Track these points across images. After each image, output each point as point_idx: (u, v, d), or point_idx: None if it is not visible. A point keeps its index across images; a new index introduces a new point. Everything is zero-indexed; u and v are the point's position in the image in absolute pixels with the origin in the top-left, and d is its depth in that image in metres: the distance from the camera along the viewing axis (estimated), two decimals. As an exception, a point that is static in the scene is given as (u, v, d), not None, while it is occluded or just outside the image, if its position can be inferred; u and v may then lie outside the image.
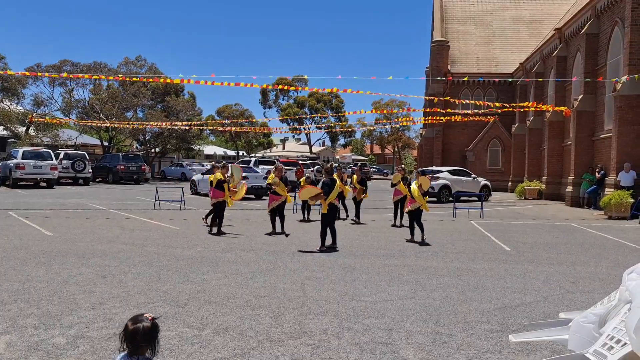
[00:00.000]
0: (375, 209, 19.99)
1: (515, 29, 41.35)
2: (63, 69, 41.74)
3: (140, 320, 2.61)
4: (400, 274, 8.07)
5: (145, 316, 2.64)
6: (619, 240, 12.37)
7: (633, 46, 18.83)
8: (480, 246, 11.10)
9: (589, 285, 7.58)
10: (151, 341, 2.62)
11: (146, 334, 2.59)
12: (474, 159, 38.63)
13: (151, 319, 2.63)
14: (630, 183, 18.35)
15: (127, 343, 2.61)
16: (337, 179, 10.68)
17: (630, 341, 3.39)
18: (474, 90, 39.46)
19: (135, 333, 2.58)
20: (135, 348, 2.59)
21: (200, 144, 61.67)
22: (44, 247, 9.73)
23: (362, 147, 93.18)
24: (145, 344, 2.60)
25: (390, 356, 4.62)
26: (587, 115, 23.14)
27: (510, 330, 5.39)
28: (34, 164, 27.26)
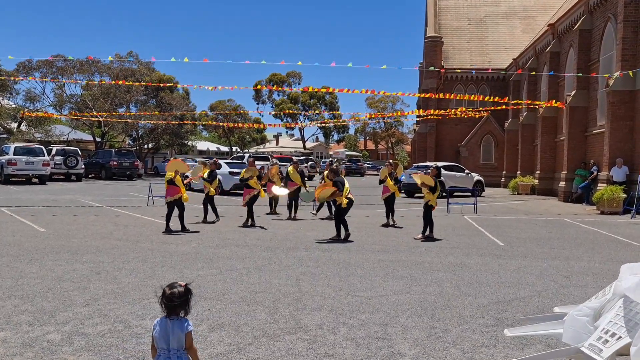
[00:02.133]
0: (369, 204, 20.01)
1: (508, 25, 41.44)
2: (56, 64, 41.45)
3: (175, 286, 3.12)
4: (395, 269, 8.09)
5: (178, 283, 3.17)
6: (611, 235, 12.46)
7: (625, 42, 18.92)
8: (474, 241, 11.15)
9: (583, 280, 7.63)
10: (185, 303, 3.12)
11: (181, 296, 3.09)
12: (467, 154, 38.75)
13: (184, 285, 3.14)
14: (622, 178, 18.47)
15: (164, 306, 3.11)
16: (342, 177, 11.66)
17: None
18: (467, 86, 39.55)
19: (172, 296, 3.09)
20: (172, 310, 3.10)
21: (194, 140, 61.49)
22: (37, 244, 9.68)
23: (356, 143, 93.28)
24: (180, 306, 3.10)
25: (386, 351, 4.63)
26: (579, 110, 23.26)
27: (505, 324, 5.42)
28: (26, 160, 27.08)
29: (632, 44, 18.87)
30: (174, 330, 3.07)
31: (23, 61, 41.34)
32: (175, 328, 3.07)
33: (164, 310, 3.13)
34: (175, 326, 3.08)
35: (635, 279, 3.69)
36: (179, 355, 3.07)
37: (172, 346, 3.06)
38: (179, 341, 3.07)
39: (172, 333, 3.06)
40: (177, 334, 3.06)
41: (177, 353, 3.07)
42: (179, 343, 3.07)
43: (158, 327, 3.11)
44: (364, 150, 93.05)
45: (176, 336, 3.06)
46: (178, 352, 3.07)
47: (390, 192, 13.79)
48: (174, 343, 3.06)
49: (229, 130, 59.38)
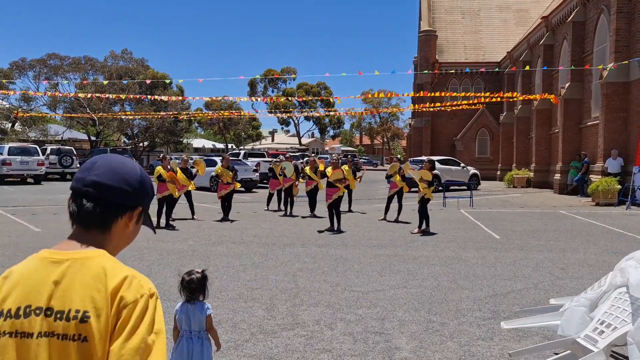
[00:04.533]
0: (367, 199, 20.03)
1: (502, 18, 41.43)
2: (50, 62, 41.27)
3: (193, 273, 3.40)
4: (392, 264, 8.11)
5: (195, 270, 3.45)
6: (606, 226, 12.51)
7: (619, 33, 18.94)
8: (471, 235, 11.17)
9: (578, 272, 7.66)
10: (203, 288, 3.40)
11: (199, 281, 3.37)
12: (463, 148, 38.79)
13: (201, 272, 3.42)
14: (617, 170, 18.53)
15: (184, 292, 3.37)
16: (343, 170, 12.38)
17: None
18: (462, 79, 39.55)
19: (190, 282, 3.37)
20: (192, 295, 3.37)
21: (189, 137, 61.34)
22: (32, 244, 9.64)
23: (352, 138, 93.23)
24: (199, 291, 3.38)
25: (383, 345, 4.64)
26: (574, 103, 23.30)
27: (501, 317, 5.44)
28: (21, 160, 26.96)
29: (626, 35, 18.90)
30: (194, 313, 3.33)
31: (16, 60, 41.17)
32: (195, 311, 3.34)
33: (182, 296, 3.41)
34: (196, 309, 3.34)
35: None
36: (200, 335, 3.33)
37: (193, 328, 3.33)
38: (200, 323, 3.33)
39: (193, 316, 3.33)
40: (198, 317, 3.33)
41: (198, 334, 3.34)
42: (200, 325, 3.34)
43: (180, 311, 3.38)
44: (360, 145, 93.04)
45: (197, 319, 3.33)
46: (199, 333, 3.34)
47: (398, 188, 13.77)
48: (195, 325, 3.33)
49: (225, 127, 59.22)
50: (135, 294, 1.27)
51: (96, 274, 1.28)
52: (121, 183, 1.38)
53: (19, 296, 1.29)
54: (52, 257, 1.33)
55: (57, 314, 1.25)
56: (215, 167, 23.64)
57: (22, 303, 1.28)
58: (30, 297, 1.28)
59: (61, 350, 1.23)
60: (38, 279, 1.29)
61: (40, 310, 1.26)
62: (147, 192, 1.46)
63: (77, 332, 1.23)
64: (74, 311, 1.25)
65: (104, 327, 1.24)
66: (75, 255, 1.32)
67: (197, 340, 3.34)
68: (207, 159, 25.79)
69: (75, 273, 1.29)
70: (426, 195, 11.54)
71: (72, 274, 1.29)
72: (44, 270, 1.31)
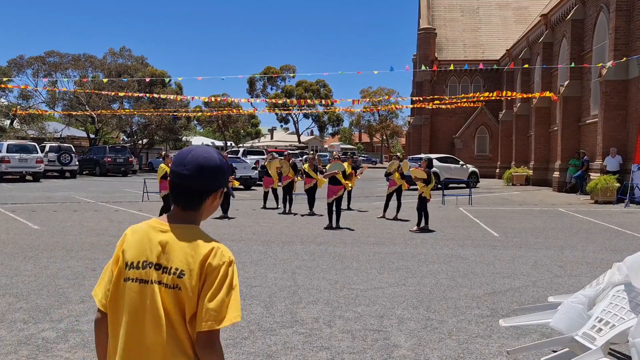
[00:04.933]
0: (365, 197, 20.03)
1: (501, 16, 41.43)
2: (48, 60, 41.18)
3: None
4: (391, 262, 8.11)
5: None
6: (605, 224, 12.52)
7: (618, 31, 18.94)
8: (469, 232, 11.18)
9: (577, 269, 7.67)
10: None
11: None
12: (462, 146, 38.81)
13: None
14: (616, 168, 18.54)
15: None
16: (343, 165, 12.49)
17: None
18: (461, 77, 39.54)
19: None
20: None
21: (188, 135, 61.31)
22: (31, 241, 9.64)
23: (351, 136, 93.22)
24: None
25: (382, 343, 4.64)
26: (573, 100, 23.31)
27: (500, 315, 5.45)
28: (19, 158, 26.93)
29: (625, 33, 18.90)
30: None
31: (14, 58, 41.07)
32: None
33: None
34: None
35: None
36: None
37: None
38: None
39: None
40: None
41: None
42: None
43: None
44: (359, 143, 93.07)
45: None
46: None
47: (397, 186, 13.78)
48: None
49: (224, 125, 59.19)
50: (218, 261, 1.72)
51: (191, 243, 1.73)
52: (207, 176, 1.79)
53: (136, 251, 1.77)
54: (159, 227, 1.80)
55: (163, 269, 1.72)
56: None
57: (140, 258, 1.76)
58: (145, 253, 1.76)
59: (165, 294, 1.70)
60: (149, 241, 1.77)
61: (152, 265, 1.74)
62: (226, 175, 1.86)
63: (174, 283, 1.70)
64: (174, 268, 1.71)
65: (194, 283, 1.69)
66: (175, 227, 1.78)
67: None
68: None
69: (175, 241, 1.74)
70: (423, 194, 11.52)
71: (173, 241, 1.74)
72: (153, 235, 1.78)
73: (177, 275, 1.70)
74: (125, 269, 1.77)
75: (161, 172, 12.27)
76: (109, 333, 1.80)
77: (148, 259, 1.75)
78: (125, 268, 1.78)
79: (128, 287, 1.75)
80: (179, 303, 1.70)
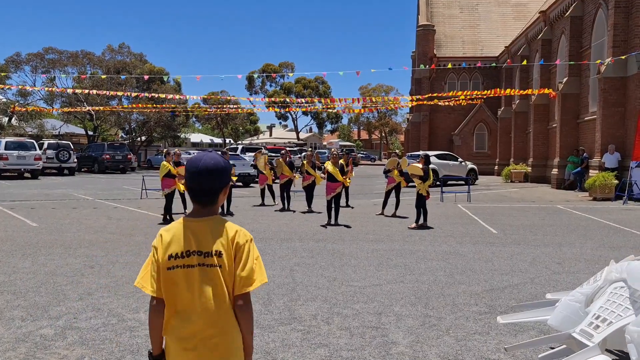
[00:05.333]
0: (364, 194, 20.04)
1: (500, 12, 41.38)
2: (46, 57, 41.06)
3: None
4: (389, 259, 8.12)
5: None
6: (603, 221, 12.54)
7: (617, 28, 18.92)
8: (468, 229, 11.19)
9: (575, 266, 7.68)
10: None
11: None
12: (461, 143, 38.81)
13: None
14: (614, 164, 18.55)
15: None
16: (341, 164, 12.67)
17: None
18: (460, 74, 39.51)
19: None
20: None
21: (187, 132, 61.22)
22: (29, 239, 9.63)
23: (349, 133, 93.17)
24: None
25: (380, 340, 4.65)
26: (571, 97, 23.30)
27: (498, 311, 5.45)
28: (18, 155, 26.90)
29: (624, 30, 18.88)
30: None
31: (11, 55, 40.95)
32: None
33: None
34: None
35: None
36: None
37: None
38: None
39: None
40: None
41: None
42: None
43: None
44: (358, 140, 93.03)
45: None
46: None
47: (396, 183, 13.78)
48: None
49: (222, 122, 59.11)
50: (243, 240, 2.19)
51: (220, 230, 2.19)
52: (217, 177, 2.21)
53: (178, 244, 2.17)
54: (189, 223, 2.20)
55: (204, 254, 2.15)
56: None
57: (183, 249, 2.16)
58: (185, 244, 2.16)
59: (208, 273, 2.14)
60: (186, 234, 2.18)
61: (194, 252, 2.15)
62: (229, 172, 2.30)
63: (215, 263, 2.14)
64: (213, 251, 2.15)
65: (229, 259, 2.16)
66: (203, 220, 2.20)
67: None
68: None
69: (208, 231, 2.18)
70: (420, 191, 11.52)
71: (206, 231, 2.18)
72: (187, 230, 2.19)
73: (217, 255, 2.15)
74: (168, 261, 2.17)
75: (164, 169, 12.23)
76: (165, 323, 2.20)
77: (190, 249, 2.16)
78: (168, 260, 2.17)
79: (175, 274, 2.16)
80: (220, 278, 2.15)
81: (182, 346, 2.16)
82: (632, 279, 3.59)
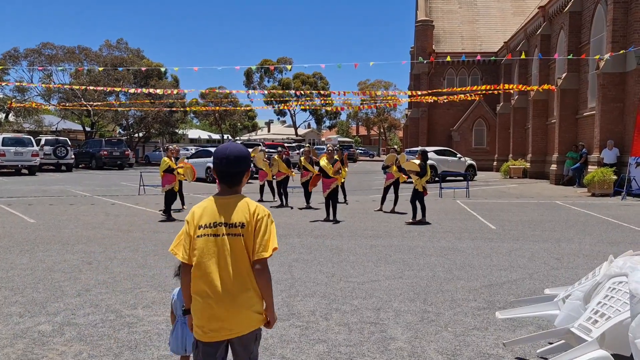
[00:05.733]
0: (362, 190, 20.03)
1: (499, 8, 41.30)
2: (44, 52, 40.91)
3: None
4: (388, 254, 8.11)
5: None
6: (602, 216, 12.54)
7: (615, 23, 18.90)
8: (467, 225, 11.19)
9: (574, 262, 7.68)
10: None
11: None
12: (460, 138, 38.80)
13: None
14: (613, 160, 18.56)
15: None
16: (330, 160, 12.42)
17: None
18: (459, 69, 39.46)
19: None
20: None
21: (184, 128, 61.09)
22: (27, 235, 9.61)
23: (348, 129, 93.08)
24: None
25: (379, 336, 4.64)
26: (570, 93, 23.28)
27: (496, 307, 5.45)
28: (15, 151, 26.84)
29: (622, 25, 18.85)
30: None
31: (9, 50, 40.78)
32: None
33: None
34: None
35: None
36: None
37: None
38: None
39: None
40: None
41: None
42: None
43: (176, 296, 3.51)
44: (356, 136, 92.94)
45: None
46: None
47: (394, 178, 13.76)
48: None
49: (220, 118, 58.99)
50: (261, 214, 2.62)
51: (243, 205, 2.62)
52: (242, 165, 2.68)
53: (208, 216, 2.61)
54: (217, 199, 2.66)
55: (230, 225, 2.58)
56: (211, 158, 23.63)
57: (212, 220, 2.60)
58: (214, 217, 2.60)
59: (233, 241, 2.57)
60: (214, 208, 2.63)
61: (222, 223, 2.59)
62: (250, 159, 2.73)
63: (239, 232, 2.58)
64: (237, 222, 2.58)
65: (250, 229, 2.58)
66: (229, 198, 2.66)
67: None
68: (203, 150, 25.74)
69: (232, 205, 2.62)
70: (417, 186, 11.57)
71: (232, 206, 2.62)
72: (216, 204, 2.64)
73: (240, 226, 2.59)
74: (199, 230, 2.62)
75: (164, 165, 12.14)
76: (193, 285, 2.62)
77: (217, 220, 2.60)
78: (198, 229, 2.62)
79: (204, 241, 2.60)
80: (242, 245, 2.59)
81: (206, 302, 2.58)
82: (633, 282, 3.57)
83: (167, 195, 11.93)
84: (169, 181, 12.01)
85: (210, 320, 2.58)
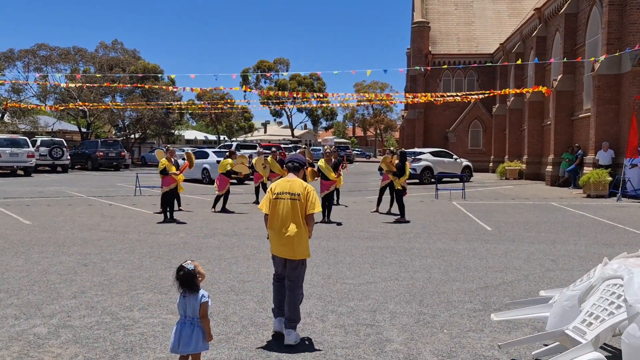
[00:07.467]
0: (358, 191, 20.03)
1: (495, 9, 41.38)
2: (39, 53, 40.78)
3: (182, 269, 3.65)
4: (384, 256, 8.12)
5: (189, 261, 3.73)
6: (597, 218, 12.59)
7: (611, 25, 18.96)
8: (462, 227, 11.21)
9: (569, 263, 7.71)
10: (188, 283, 3.64)
11: (184, 277, 3.63)
12: (456, 140, 38.84)
13: (188, 269, 3.65)
14: (608, 162, 18.62)
15: (182, 287, 3.67)
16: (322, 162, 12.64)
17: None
18: (455, 70, 39.51)
19: (178, 278, 3.67)
20: (182, 288, 3.66)
21: (181, 129, 60.99)
22: (22, 236, 9.58)
23: (344, 130, 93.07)
24: (185, 285, 3.64)
25: (375, 337, 4.65)
26: (566, 95, 23.35)
27: (492, 309, 5.47)
28: (10, 152, 26.73)
29: (618, 27, 18.93)
30: (190, 300, 3.65)
31: (4, 51, 40.63)
32: (191, 299, 3.65)
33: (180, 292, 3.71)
34: (191, 297, 3.65)
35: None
36: (192, 322, 3.64)
37: (187, 314, 3.65)
38: (194, 310, 3.64)
39: (189, 302, 3.65)
40: (192, 304, 3.64)
41: (192, 320, 3.64)
42: (194, 312, 3.64)
43: (180, 296, 3.70)
44: (353, 137, 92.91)
45: (191, 305, 3.64)
46: (192, 320, 3.64)
47: (389, 180, 13.76)
48: (189, 311, 3.64)
49: (217, 119, 58.91)
50: (309, 188, 4.70)
51: (300, 183, 4.70)
52: (302, 161, 4.93)
53: (280, 188, 4.70)
54: (286, 180, 4.76)
55: (292, 194, 4.64)
56: (207, 159, 23.61)
57: (283, 190, 4.68)
58: (284, 188, 4.68)
59: (293, 204, 4.62)
60: (284, 185, 4.71)
61: (287, 193, 4.65)
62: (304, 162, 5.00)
63: (297, 199, 4.62)
64: (296, 192, 4.64)
65: (304, 197, 4.64)
66: (292, 179, 4.76)
67: (189, 326, 3.63)
68: (199, 151, 25.70)
69: (294, 183, 4.70)
70: (396, 186, 12.07)
71: (293, 184, 4.70)
72: (286, 181, 4.75)
73: (298, 194, 4.61)
74: (274, 194, 4.67)
75: (160, 166, 12.13)
76: (269, 225, 4.68)
77: (284, 190, 4.65)
78: (274, 195, 4.67)
79: (277, 202, 4.64)
80: (298, 207, 4.59)
81: (277, 239, 4.62)
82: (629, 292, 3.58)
83: (166, 196, 11.90)
84: (167, 183, 11.99)
85: (277, 245, 4.63)
